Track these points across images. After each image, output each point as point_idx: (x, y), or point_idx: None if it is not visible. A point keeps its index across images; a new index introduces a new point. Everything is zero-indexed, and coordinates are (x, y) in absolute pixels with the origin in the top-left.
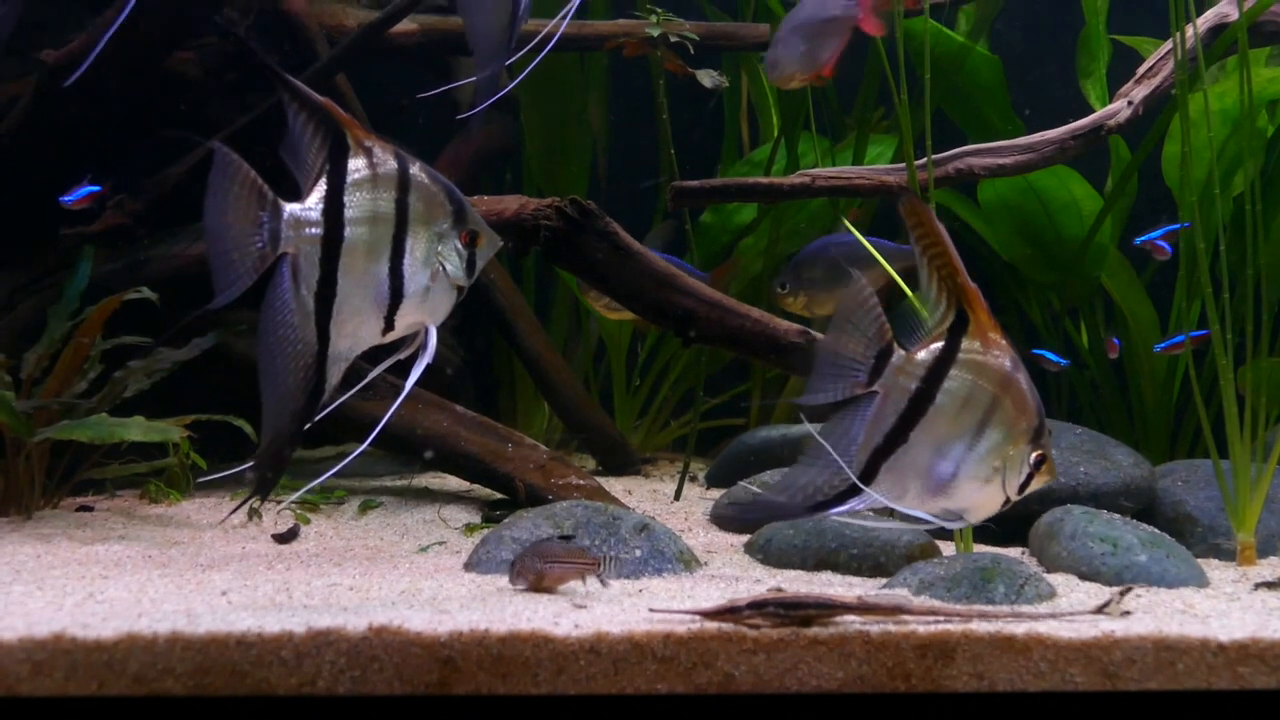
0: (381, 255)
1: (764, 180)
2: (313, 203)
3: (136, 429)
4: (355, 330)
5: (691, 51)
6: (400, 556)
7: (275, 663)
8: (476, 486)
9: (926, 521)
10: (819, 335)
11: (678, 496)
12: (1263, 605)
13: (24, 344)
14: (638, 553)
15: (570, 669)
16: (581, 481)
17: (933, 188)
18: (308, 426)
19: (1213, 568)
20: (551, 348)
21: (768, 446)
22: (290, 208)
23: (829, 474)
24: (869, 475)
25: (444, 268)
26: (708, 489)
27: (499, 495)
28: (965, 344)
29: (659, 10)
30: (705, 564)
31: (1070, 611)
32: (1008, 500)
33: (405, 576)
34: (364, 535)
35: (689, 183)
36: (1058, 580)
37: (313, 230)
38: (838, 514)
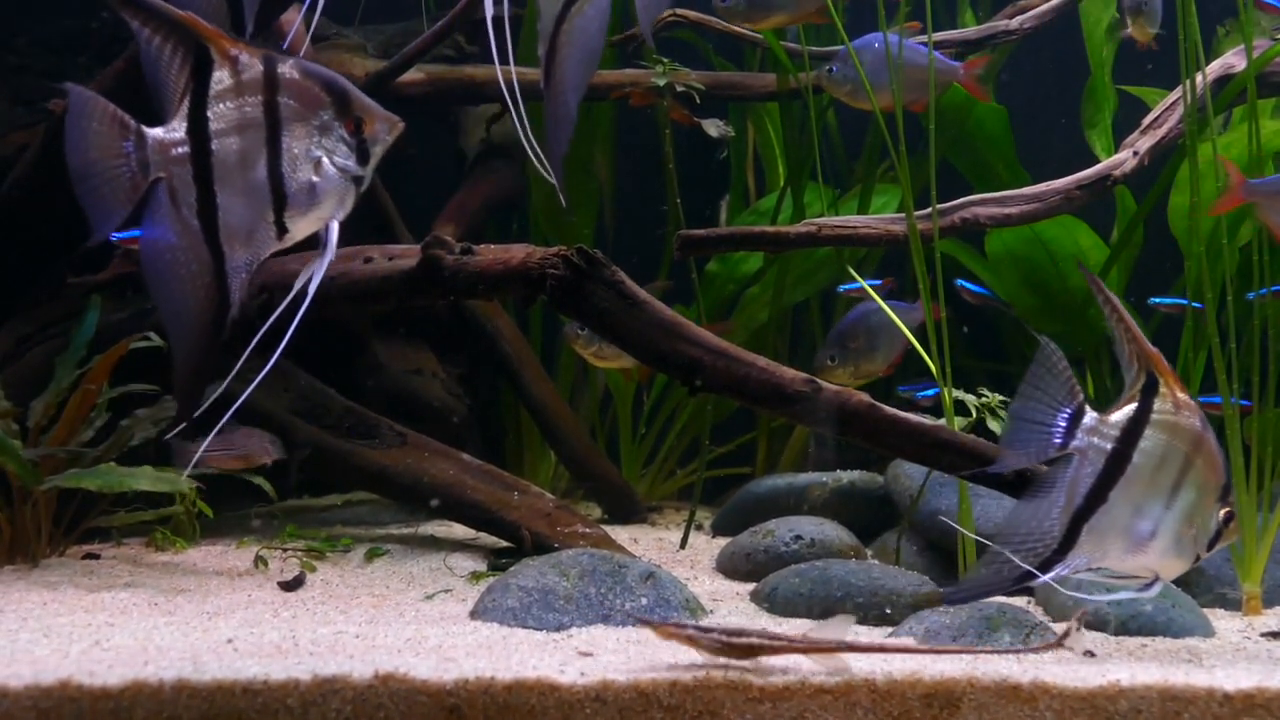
0: (256, 161)
1: (770, 229)
2: (177, 123)
3: (145, 478)
4: (248, 240)
5: (698, 101)
6: (406, 604)
7: (281, 710)
8: (482, 535)
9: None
10: (826, 384)
11: (684, 545)
12: (1269, 655)
13: (31, 392)
14: (644, 601)
15: (576, 717)
16: (587, 530)
17: (938, 237)
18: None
19: (1219, 617)
20: (558, 397)
21: (774, 495)
22: (154, 132)
23: (1031, 542)
24: (1071, 537)
25: (329, 160)
26: (714, 537)
27: (505, 543)
28: (1158, 405)
29: (665, 60)
30: (711, 612)
31: (1029, 648)
32: (1197, 558)
33: (411, 624)
34: (370, 583)
35: (695, 231)
36: (1063, 629)
37: (180, 150)
38: (1041, 583)
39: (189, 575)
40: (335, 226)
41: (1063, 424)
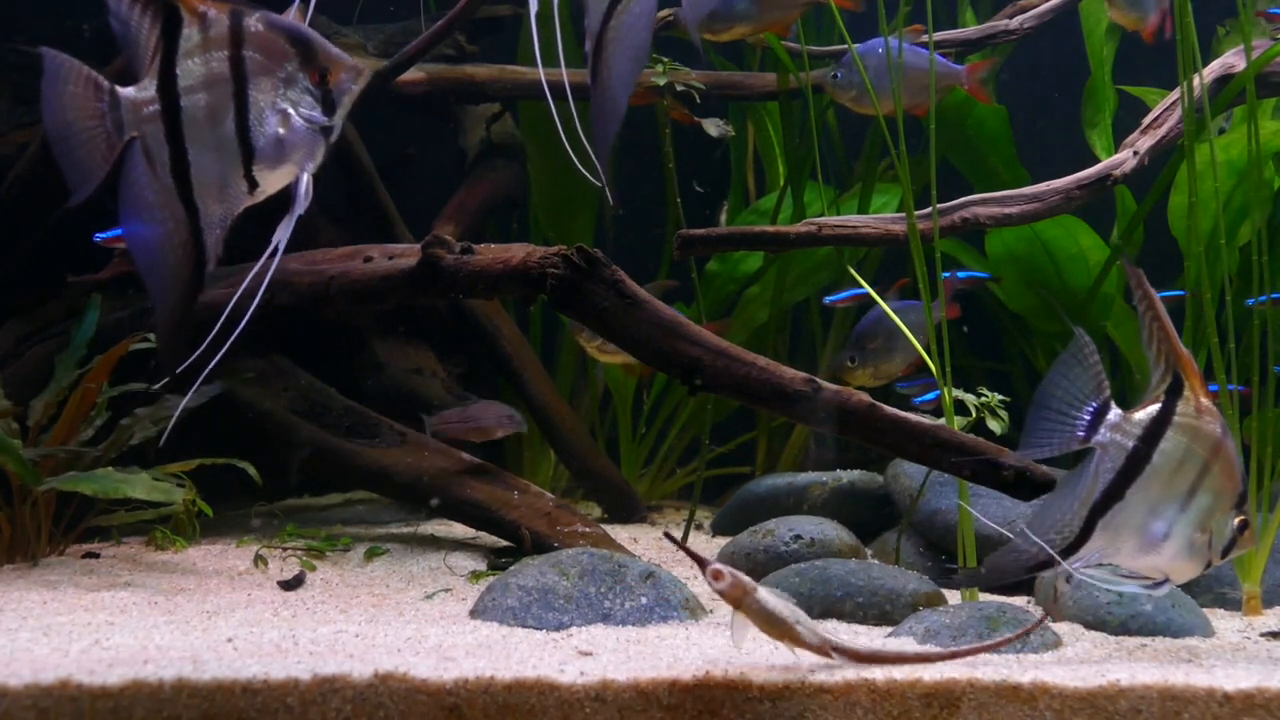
0: (224, 116)
1: (770, 229)
2: (148, 81)
3: (141, 486)
4: (221, 195)
5: (698, 100)
6: (406, 603)
7: (281, 710)
8: (482, 534)
9: (1130, 585)
10: (826, 384)
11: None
12: (1268, 655)
13: (31, 391)
14: (644, 600)
15: (576, 717)
16: (587, 529)
17: (938, 237)
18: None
19: (1219, 617)
20: (558, 396)
21: (773, 494)
22: (126, 92)
23: (1051, 533)
24: (1087, 531)
25: (295, 112)
26: (713, 537)
27: (505, 543)
28: (1181, 407)
29: (665, 59)
30: (711, 611)
31: None
32: (1209, 564)
33: (411, 623)
34: (370, 582)
35: (695, 231)
36: (1063, 629)
37: (152, 109)
38: (1052, 574)
39: (189, 574)
40: (306, 179)
41: (1088, 417)
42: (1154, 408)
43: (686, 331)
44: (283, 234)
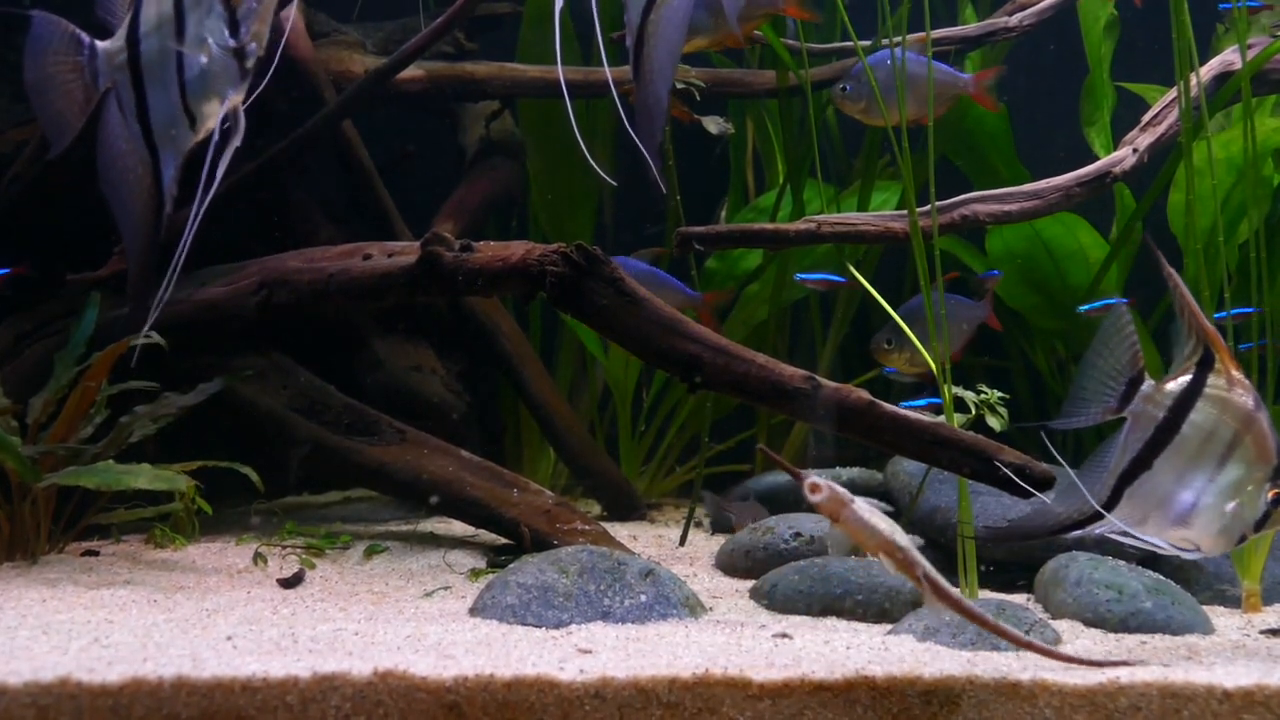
0: (169, 56)
1: (770, 226)
2: (120, 33)
3: (144, 477)
4: (174, 134)
5: (697, 98)
6: (405, 601)
7: (280, 707)
8: (482, 532)
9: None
10: (825, 381)
11: (683, 542)
12: (1268, 652)
13: (30, 389)
14: (643, 598)
15: (575, 714)
16: (587, 527)
17: (937, 234)
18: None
19: (1218, 615)
20: (558, 394)
21: (773, 491)
22: (103, 45)
23: (1078, 500)
24: (1114, 499)
25: (212, 40)
26: (713, 534)
27: (504, 540)
28: (1212, 380)
29: None
30: (710, 609)
31: None
32: (1244, 536)
33: (410, 621)
34: (369, 580)
35: (694, 228)
36: (1062, 626)
37: (122, 58)
38: (1077, 536)
39: (188, 572)
40: (228, 107)
41: (1123, 387)
42: (1185, 378)
43: (686, 329)
44: (219, 163)
